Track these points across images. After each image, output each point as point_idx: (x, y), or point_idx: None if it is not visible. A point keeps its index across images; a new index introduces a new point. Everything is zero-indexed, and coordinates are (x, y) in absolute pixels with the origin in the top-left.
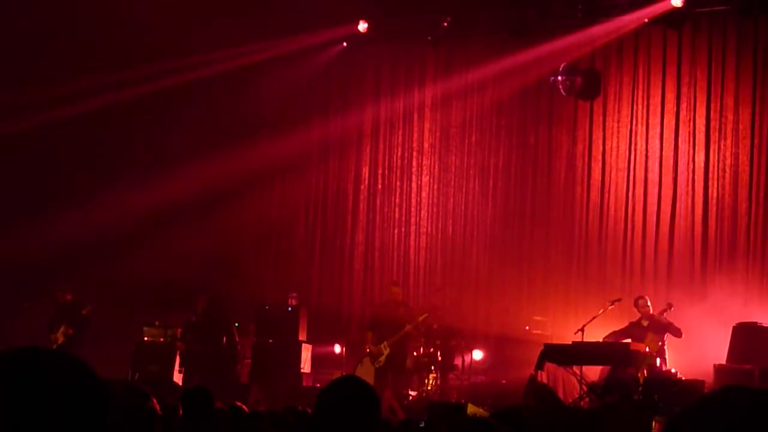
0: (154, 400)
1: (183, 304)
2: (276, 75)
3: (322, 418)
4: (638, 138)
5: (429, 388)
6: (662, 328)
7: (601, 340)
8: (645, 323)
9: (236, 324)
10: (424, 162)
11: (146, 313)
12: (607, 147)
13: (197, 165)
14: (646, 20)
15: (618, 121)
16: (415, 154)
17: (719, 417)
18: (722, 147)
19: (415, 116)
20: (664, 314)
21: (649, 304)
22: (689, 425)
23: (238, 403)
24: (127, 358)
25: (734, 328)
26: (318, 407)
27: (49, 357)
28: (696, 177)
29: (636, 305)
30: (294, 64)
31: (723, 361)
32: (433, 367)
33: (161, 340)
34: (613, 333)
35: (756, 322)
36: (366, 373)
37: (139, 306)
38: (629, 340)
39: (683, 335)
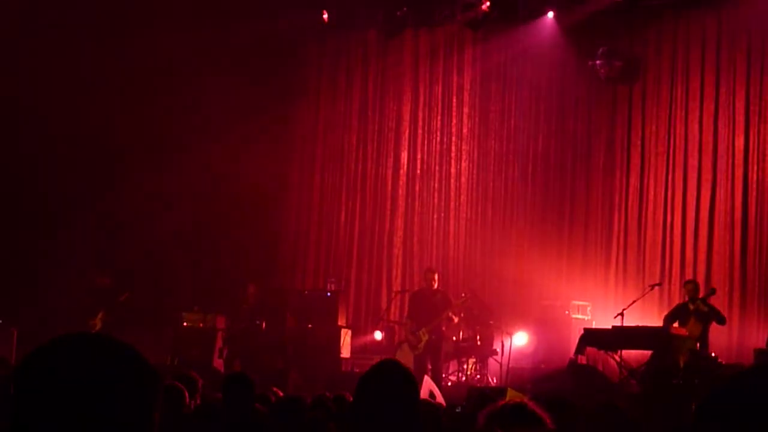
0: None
1: (225, 290)
2: (316, 61)
3: (362, 401)
4: (677, 122)
5: (469, 373)
6: (705, 314)
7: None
8: (691, 307)
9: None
10: (463, 147)
11: (186, 299)
12: (647, 132)
13: (237, 152)
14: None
15: (657, 106)
16: (454, 139)
17: (754, 393)
18: (762, 131)
19: (455, 101)
20: (708, 299)
21: (697, 288)
22: (725, 401)
23: (275, 389)
24: (167, 344)
25: None
26: (359, 391)
27: (103, 343)
28: (735, 161)
29: (684, 288)
30: (334, 50)
31: (763, 346)
32: (472, 352)
33: (200, 325)
34: (666, 317)
35: None
36: (405, 359)
37: (179, 292)
38: (676, 324)
39: (726, 322)
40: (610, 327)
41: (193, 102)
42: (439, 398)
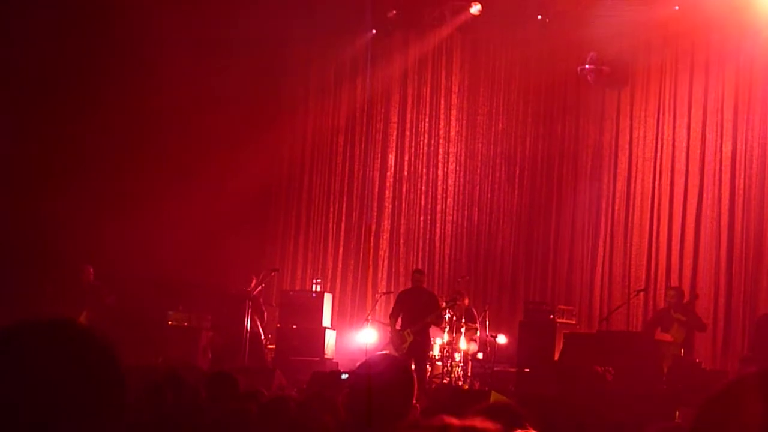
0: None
1: (210, 289)
2: (304, 61)
3: (358, 390)
4: (665, 128)
5: (453, 375)
6: (688, 319)
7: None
8: (673, 313)
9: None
10: (450, 149)
11: (172, 299)
12: (634, 136)
13: (224, 153)
14: (676, 7)
15: (645, 111)
16: (441, 141)
17: (755, 396)
18: (749, 138)
19: (442, 103)
20: (693, 305)
21: (679, 295)
22: (726, 406)
23: (262, 388)
24: (151, 342)
25: (758, 320)
26: (355, 380)
27: (75, 334)
28: (723, 167)
29: (666, 294)
30: (322, 51)
31: (747, 352)
32: (456, 355)
33: (185, 324)
34: (646, 323)
35: None
36: None
37: (165, 292)
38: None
39: (706, 329)
40: (594, 332)
41: (180, 104)
42: (423, 400)
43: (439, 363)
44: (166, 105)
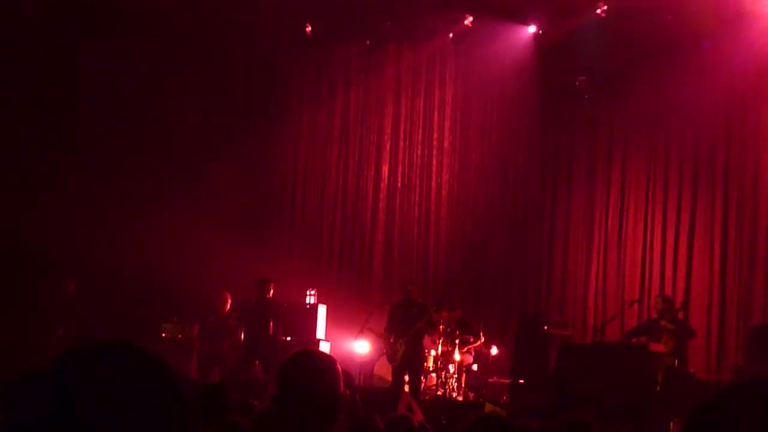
0: None
1: (201, 301)
2: (297, 73)
3: (282, 390)
4: (658, 138)
5: (447, 387)
6: (677, 327)
7: (620, 338)
8: (661, 322)
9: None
10: (444, 161)
11: (165, 311)
12: (627, 148)
13: (218, 165)
14: (669, 17)
15: (638, 122)
16: (435, 152)
17: (747, 405)
18: (742, 146)
19: (436, 115)
20: (679, 314)
21: (666, 302)
22: (717, 414)
23: (253, 401)
24: None
25: (752, 329)
26: (278, 381)
27: (130, 353)
28: (716, 176)
29: (654, 303)
30: (316, 63)
31: (741, 362)
32: (451, 367)
33: (179, 336)
34: (631, 331)
35: None
36: (384, 371)
37: (159, 304)
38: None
39: (697, 336)
40: (588, 342)
41: (176, 115)
42: (418, 413)
43: (433, 374)
44: (160, 115)
